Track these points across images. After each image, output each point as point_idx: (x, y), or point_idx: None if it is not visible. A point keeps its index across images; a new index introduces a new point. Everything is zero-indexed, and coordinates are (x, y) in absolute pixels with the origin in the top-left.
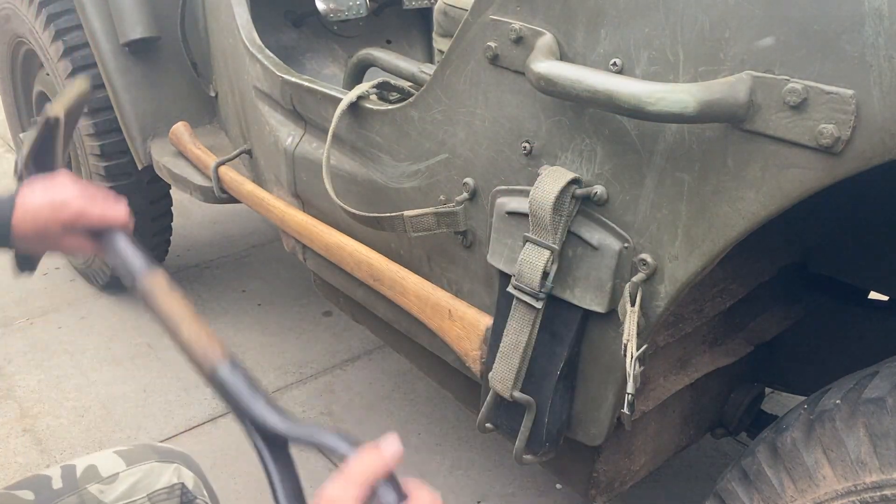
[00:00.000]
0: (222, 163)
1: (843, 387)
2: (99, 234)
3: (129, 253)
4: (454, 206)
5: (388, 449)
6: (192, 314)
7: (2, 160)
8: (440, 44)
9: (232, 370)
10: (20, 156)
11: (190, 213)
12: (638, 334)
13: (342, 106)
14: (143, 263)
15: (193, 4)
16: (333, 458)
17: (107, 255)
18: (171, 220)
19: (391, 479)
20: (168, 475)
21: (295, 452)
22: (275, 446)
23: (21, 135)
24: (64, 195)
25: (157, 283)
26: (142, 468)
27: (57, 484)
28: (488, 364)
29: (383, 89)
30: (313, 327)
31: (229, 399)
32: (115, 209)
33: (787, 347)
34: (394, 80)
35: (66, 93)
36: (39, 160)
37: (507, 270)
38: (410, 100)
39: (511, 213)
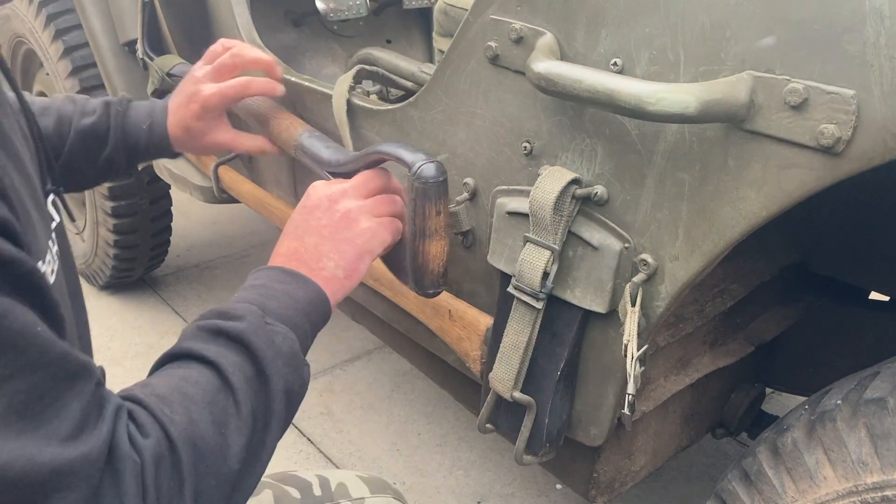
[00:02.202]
0: (222, 163)
1: (844, 387)
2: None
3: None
4: (455, 207)
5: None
6: (277, 113)
7: None
8: (440, 43)
9: (308, 137)
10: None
11: (190, 213)
12: (638, 335)
13: (341, 109)
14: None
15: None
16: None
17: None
18: (171, 220)
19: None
20: None
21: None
22: (345, 176)
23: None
24: (192, 89)
25: (255, 99)
26: (382, 499)
27: (317, 491)
28: (488, 364)
29: (361, 77)
30: None
31: (310, 155)
32: (229, 84)
33: (787, 348)
34: (369, 67)
35: None
36: (151, 42)
37: (507, 271)
38: (411, 99)
39: (511, 213)
